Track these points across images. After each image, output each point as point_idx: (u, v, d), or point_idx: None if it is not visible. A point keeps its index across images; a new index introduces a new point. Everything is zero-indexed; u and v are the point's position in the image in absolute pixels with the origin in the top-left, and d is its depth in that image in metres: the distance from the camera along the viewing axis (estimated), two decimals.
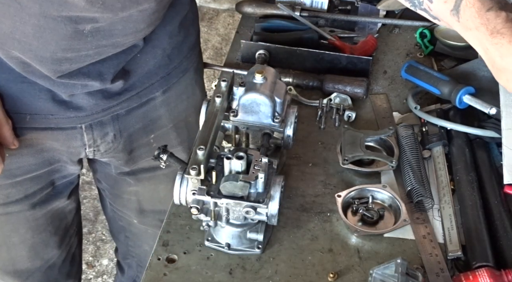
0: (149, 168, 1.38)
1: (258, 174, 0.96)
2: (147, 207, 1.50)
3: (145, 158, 1.35)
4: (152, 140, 1.32)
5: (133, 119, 1.26)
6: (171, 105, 1.31)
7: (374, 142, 1.23)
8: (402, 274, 0.91)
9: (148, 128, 1.30)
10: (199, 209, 0.98)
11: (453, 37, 1.47)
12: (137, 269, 1.73)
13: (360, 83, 1.34)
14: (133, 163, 1.36)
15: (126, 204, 1.51)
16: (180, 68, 1.28)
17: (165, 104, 1.29)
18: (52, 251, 1.44)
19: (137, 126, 1.28)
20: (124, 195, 1.49)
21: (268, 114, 1.07)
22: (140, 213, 1.51)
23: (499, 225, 1.06)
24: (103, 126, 1.23)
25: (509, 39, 0.92)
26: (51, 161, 1.26)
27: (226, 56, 1.50)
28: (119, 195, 1.50)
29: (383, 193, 1.13)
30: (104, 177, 1.48)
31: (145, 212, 1.51)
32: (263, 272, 1.03)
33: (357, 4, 1.58)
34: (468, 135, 1.21)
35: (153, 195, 1.46)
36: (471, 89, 1.23)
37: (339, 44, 1.44)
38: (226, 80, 1.09)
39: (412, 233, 1.08)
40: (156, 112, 1.29)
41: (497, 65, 0.96)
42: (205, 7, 3.73)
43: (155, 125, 1.31)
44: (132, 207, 1.51)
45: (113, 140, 1.26)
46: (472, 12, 0.95)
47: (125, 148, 1.30)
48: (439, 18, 1.03)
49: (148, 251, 1.61)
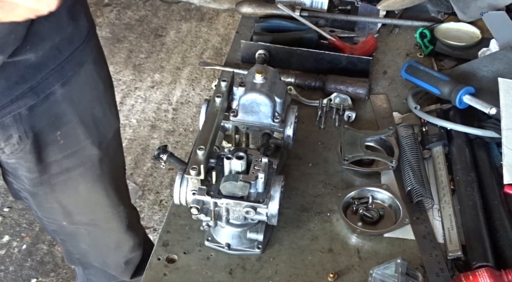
0: (61, 171, 1.34)
1: (258, 174, 0.96)
2: (73, 209, 1.46)
3: (54, 157, 1.31)
4: (59, 137, 1.29)
5: (36, 117, 1.23)
6: (74, 98, 1.27)
7: (374, 142, 1.23)
8: (402, 274, 0.91)
9: (54, 125, 1.27)
10: (199, 209, 0.98)
11: (453, 37, 1.48)
12: (84, 272, 1.72)
13: (362, 84, 1.34)
14: (43, 165, 1.31)
15: (51, 211, 1.47)
16: (74, 61, 1.24)
17: (67, 99, 1.26)
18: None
19: (42, 124, 1.24)
20: (46, 204, 1.44)
21: (268, 114, 1.07)
22: (67, 216, 1.48)
23: (499, 225, 1.06)
24: (6, 128, 1.19)
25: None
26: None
27: (226, 56, 1.50)
28: (41, 205, 1.45)
29: (383, 193, 1.13)
30: (21, 190, 1.43)
31: (72, 214, 1.47)
32: (263, 272, 1.03)
33: (357, 4, 1.58)
34: (468, 135, 1.21)
35: (76, 198, 1.43)
36: (471, 89, 1.23)
37: (339, 44, 1.44)
38: (226, 80, 1.09)
39: (412, 233, 1.08)
40: (59, 107, 1.25)
41: None
42: (205, 7, 3.73)
43: (61, 121, 1.27)
44: (57, 212, 1.46)
45: (18, 142, 1.23)
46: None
47: (32, 148, 1.26)
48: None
49: (86, 249, 1.61)
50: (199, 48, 3.49)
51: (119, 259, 1.66)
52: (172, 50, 3.46)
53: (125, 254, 1.65)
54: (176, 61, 3.39)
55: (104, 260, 1.67)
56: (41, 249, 2.49)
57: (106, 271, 1.71)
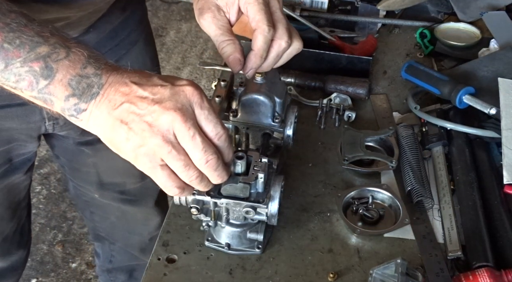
0: None
1: (258, 174, 0.96)
2: (106, 179, 1.53)
3: None
4: None
5: None
6: None
7: (374, 142, 1.23)
8: (402, 274, 0.91)
9: None
10: (199, 209, 0.98)
11: (453, 37, 1.48)
12: (109, 247, 1.78)
13: (362, 84, 1.34)
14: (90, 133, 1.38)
15: (86, 177, 1.54)
16: (128, 40, 1.34)
17: None
18: (6, 224, 1.46)
19: None
20: (83, 168, 1.52)
21: (268, 114, 1.07)
22: (100, 187, 1.55)
23: (499, 225, 1.06)
24: None
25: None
26: (9, 139, 1.28)
27: None
28: (78, 169, 1.53)
29: (383, 193, 1.13)
30: (62, 152, 1.51)
31: (104, 185, 1.54)
32: (263, 272, 1.03)
33: (357, 4, 1.58)
34: (468, 135, 1.21)
35: (111, 166, 1.49)
36: (471, 89, 1.23)
37: (339, 44, 1.44)
38: (226, 80, 1.09)
39: (412, 233, 1.08)
40: None
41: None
42: None
43: None
44: (92, 180, 1.54)
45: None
46: None
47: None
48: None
49: (114, 223, 1.67)
50: (199, 48, 3.49)
51: (144, 235, 1.70)
52: (172, 50, 3.46)
53: (151, 230, 1.68)
54: (176, 61, 3.39)
55: (130, 235, 1.72)
56: (41, 249, 2.49)
57: (129, 251, 1.76)
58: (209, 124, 0.84)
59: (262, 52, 0.99)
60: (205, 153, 0.83)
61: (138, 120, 0.81)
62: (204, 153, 0.83)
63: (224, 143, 0.86)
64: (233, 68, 1.00)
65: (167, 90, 0.82)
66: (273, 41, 1.00)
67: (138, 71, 0.85)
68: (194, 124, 0.82)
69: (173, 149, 0.81)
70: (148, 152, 0.81)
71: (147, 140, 0.81)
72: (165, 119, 0.80)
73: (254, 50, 0.99)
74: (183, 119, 0.80)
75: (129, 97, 0.81)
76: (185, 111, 0.81)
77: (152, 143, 0.80)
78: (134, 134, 0.81)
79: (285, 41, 1.00)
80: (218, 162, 0.85)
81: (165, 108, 0.80)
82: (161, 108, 0.80)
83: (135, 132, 0.81)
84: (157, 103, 0.81)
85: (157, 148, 0.81)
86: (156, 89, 0.82)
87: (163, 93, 0.81)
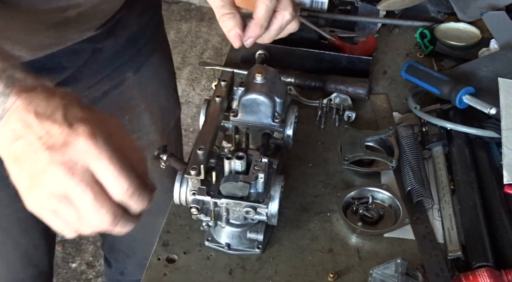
0: None
1: (258, 174, 0.96)
2: None
3: None
4: (127, 121, 1.33)
5: (109, 102, 1.27)
6: (143, 85, 1.33)
7: (374, 142, 1.23)
8: (402, 274, 0.91)
9: (124, 109, 1.31)
10: (199, 209, 0.98)
11: (453, 37, 1.48)
12: (124, 260, 1.73)
13: (362, 84, 1.34)
14: None
15: None
16: (146, 49, 1.32)
17: (137, 84, 1.31)
18: (42, 256, 1.42)
19: (114, 108, 1.28)
20: None
21: (268, 114, 1.07)
22: None
23: (499, 225, 1.06)
24: None
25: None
26: None
27: (226, 56, 1.50)
28: None
29: (383, 193, 1.13)
30: None
31: None
32: (263, 272, 1.03)
33: (357, 4, 1.58)
34: (468, 135, 1.21)
35: None
36: (471, 89, 1.23)
37: (339, 44, 1.44)
38: (226, 80, 1.09)
39: (412, 233, 1.08)
40: (130, 93, 1.31)
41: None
42: (205, 7, 3.72)
43: (130, 106, 1.33)
44: None
45: None
46: None
47: None
48: None
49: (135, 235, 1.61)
50: (199, 48, 3.49)
51: None
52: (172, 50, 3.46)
53: None
54: (176, 61, 3.39)
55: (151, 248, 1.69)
56: None
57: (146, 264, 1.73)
58: (109, 177, 0.72)
59: (263, 22, 0.96)
60: (98, 212, 0.72)
61: (28, 165, 0.72)
62: (98, 211, 0.72)
63: (129, 199, 0.74)
64: (234, 43, 0.98)
65: (62, 136, 0.71)
66: (276, 12, 0.96)
67: (52, 93, 0.73)
68: (84, 179, 0.71)
69: (61, 204, 0.72)
70: (38, 200, 0.73)
71: (35, 190, 0.72)
72: (51, 174, 0.71)
73: (254, 19, 0.96)
74: (68, 175, 0.70)
75: (28, 131, 0.71)
76: (72, 166, 0.70)
77: (40, 194, 0.72)
78: (25, 177, 0.72)
79: (289, 13, 0.97)
80: (116, 220, 0.75)
81: (52, 159, 0.70)
82: (49, 158, 0.70)
83: (26, 175, 0.72)
84: (48, 149, 0.70)
85: (45, 200, 0.72)
86: (54, 130, 0.71)
87: (57, 139, 0.71)
